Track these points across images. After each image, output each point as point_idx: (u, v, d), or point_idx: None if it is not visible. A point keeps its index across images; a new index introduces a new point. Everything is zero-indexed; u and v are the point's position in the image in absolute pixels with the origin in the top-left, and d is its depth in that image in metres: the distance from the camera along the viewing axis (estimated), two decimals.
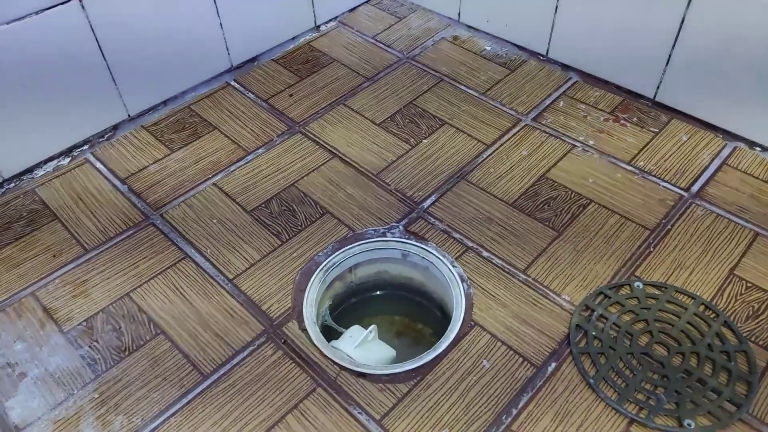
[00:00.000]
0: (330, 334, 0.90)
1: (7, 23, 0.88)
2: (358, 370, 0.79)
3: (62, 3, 0.92)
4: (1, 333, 0.82)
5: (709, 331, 0.80)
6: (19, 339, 0.82)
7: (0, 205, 0.98)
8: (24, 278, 0.88)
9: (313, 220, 0.97)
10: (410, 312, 1.04)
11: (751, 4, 0.92)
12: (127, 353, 0.80)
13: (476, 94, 1.18)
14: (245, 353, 0.80)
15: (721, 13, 0.96)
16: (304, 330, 0.83)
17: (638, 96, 1.14)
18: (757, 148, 1.04)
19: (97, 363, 0.79)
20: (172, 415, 0.74)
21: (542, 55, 1.25)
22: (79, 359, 0.79)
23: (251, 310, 0.85)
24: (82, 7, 0.94)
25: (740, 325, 0.81)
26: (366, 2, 1.42)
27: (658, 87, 1.11)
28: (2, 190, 1.00)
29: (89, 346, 0.81)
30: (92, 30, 0.97)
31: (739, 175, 1.00)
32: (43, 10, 0.90)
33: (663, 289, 0.85)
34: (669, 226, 0.93)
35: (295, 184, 1.02)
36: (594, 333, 0.80)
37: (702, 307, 0.83)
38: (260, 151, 1.08)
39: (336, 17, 1.37)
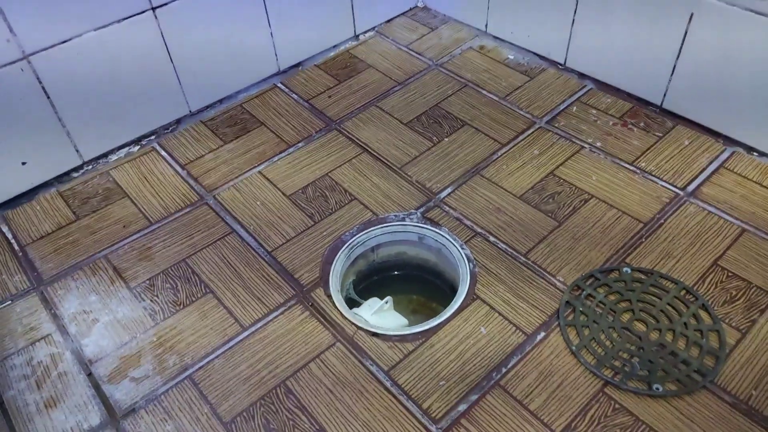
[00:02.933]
0: (353, 305, 1.03)
1: (95, 30, 1.06)
2: (373, 330, 0.92)
3: (139, 13, 1.09)
4: (79, 286, 0.99)
5: (687, 311, 0.89)
6: (93, 291, 0.99)
7: (80, 183, 1.16)
8: (99, 243, 1.06)
9: (343, 204, 1.11)
10: (426, 291, 1.16)
11: (745, 22, 1.01)
12: (181, 307, 0.96)
13: (497, 99, 1.30)
14: (278, 312, 0.94)
15: (719, 30, 1.05)
16: (329, 296, 0.97)
17: (647, 103, 1.24)
18: (755, 153, 1.12)
19: (157, 313, 0.95)
20: (216, 357, 0.89)
21: (561, 64, 1.35)
22: (141, 310, 0.95)
23: (285, 277, 0.99)
24: (155, 17, 1.11)
25: (717, 309, 0.90)
26: (402, 14, 1.56)
27: (664, 95, 1.20)
28: (82, 170, 1.18)
29: (150, 300, 0.97)
30: (162, 37, 1.14)
31: (734, 177, 1.09)
32: (124, 19, 1.08)
33: (649, 274, 0.95)
34: (662, 221, 1.03)
35: (329, 174, 1.16)
36: (581, 309, 0.91)
37: (683, 292, 0.92)
38: (300, 144, 1.23)
39: (374, 27, 1.52)
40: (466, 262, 1.00)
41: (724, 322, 0.88)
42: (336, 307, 0.95)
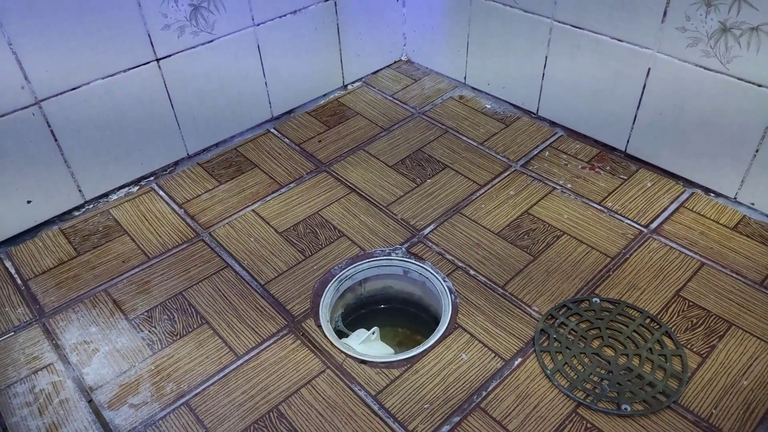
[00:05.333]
0: (342, 337, 1.08)
1: (103, 78, 1.14)
2: (361, 357, 0.97)
3: (144, 64, 1.18)
4: (80, 318, 1.04)
5: (651, 338, 0.97)
6: (94, 323, 1.03)
7: (81, 221, 1.22)
8: (99, 278, 1.11)
9: (332, 240, 1.17)
10: (411, 324, 1.22)
11: (696, 75, 1.13)
12: (178, 337, 1.00)
13: (475, 144, 1.40)
14: (271, 341, 1.00)
15: (673, 83, 1.17)
16: (319, 326, 1.03)
17: (612, 148, 1.34)
18: (712, 194, 1.22)
19: (155, 343, 1.00)
20: (212, 384, 0.93)
21: (533, 113, 1.46)
22: (140, 340, 1.00)
23: (277, 308, 1.05)
24: (159, 67, 1.20)
25: (679, 335, 0.97)
26: (387, 66, 1.67)
27: (628, 141, 1.31)
28: (84, 209, 1.24)
29: (148, 331, 1.01)
30: (165, 86, 1.23)
31: (693, 215, 1.18)
32: (130, 69, 1.16)
33: (617, 304, 1.02)
34: (628, 255, 1.11)
35: (319, 213, 1.24)
36: (555, 336, 0.98)
37: (648, 320, 1.00)
38: (292, 185, 1.31)
39: (361, 78, 1.62)
40: (448, 293, 1.07)
41: (686, 348, 0.95)
42: (326, 337, 1.01)
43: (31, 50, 1.03)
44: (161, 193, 1.29)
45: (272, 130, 1.46)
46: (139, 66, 1.17)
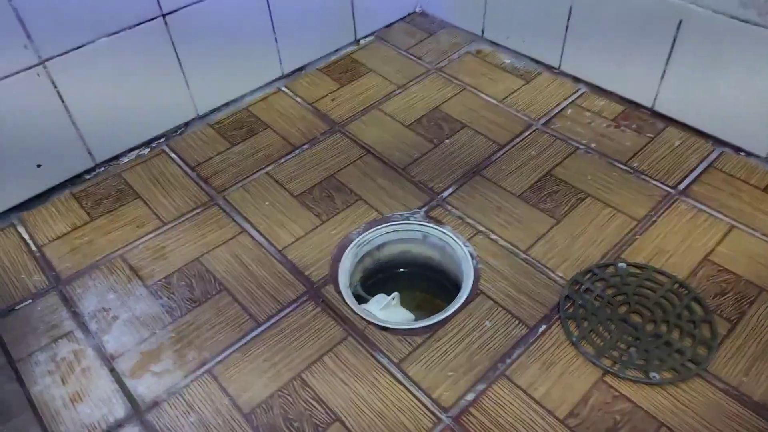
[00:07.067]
0: (361, 301, 1.07)
1: (108, 36, 1.09)
2: (382, 324, 0.96)
3: (150, 20, 1.12)
4: (97, 285, 1.02)
5: (680, 304, 0.95)
6: (111, 290, 1.02)
7: (93, 185, 1.19)
8: (114, 243, 1.09)
9: (349, 204, 1.15)
10: (430, 288, 1.20)
11: (731, 28, 1.07)
12: (197, 304, 0.99)
13: (495, 102, 1.35)
14: (291, 308, 0.98)
15: (706, 37, 1.10)
16: (339, 292, 1.01)
17: (638, 105, 1.29)
18: (742, 153, 1.17)
19: (174, 310, 0.98)
20: (233, 351, 0.92)
21: (555, 68, 1.40)
22: (159, 307, 0.99)
23: (296, 274, 1.03)
24: (165, 23, 1.15)
25: (708, 301, 0.95)
26: (401, 19, 1.60)
27: (655, 98, 1.25)
28: (95, 172, 1.21)
29: (167, 297, 1.00)
30: (173, 44, 1.18)
31: (722, 176, 1.14)
32: (135, 25, 1.11)
33: (644, 269, 1.00)
34: (655, 218, 1.08)
35: (335, 175, 1.20)
36: (580, 302, 0.96)
37: (676, 285, 0.97)
38: (306, 146, 1.27)
39: (374, 32, 1.56)
40: (470, 258, 1.04)
41: (716, 314, 0.93)
42: (346, 303, 0.99)
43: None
44: (173, 155, 1.25)
45: (283, 89, 1.41)
46: (144, 22, 1.12)
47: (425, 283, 1.20)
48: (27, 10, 0.98)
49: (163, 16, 1.13)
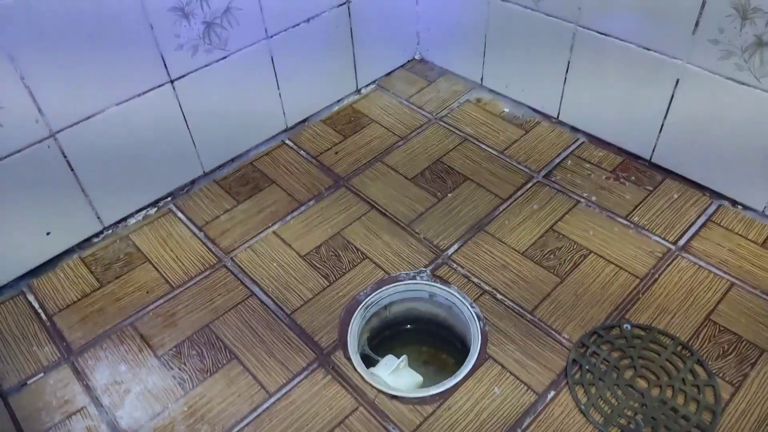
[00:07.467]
0: (367, 360, 1.08)
1: (117, 104, 1.10)
2: (392, 393, 0.97)
3: (158, 86, 1.14)
4: (109, 356, 1.03)
5: (684, 367, 0.97)
6: (123, 361, 1.03)
7: (101, 248, 1.20)
8: (124, 310, 1.10)
9: (356, 263, 1.16)
10: (436, 343, 1.22)
11: (727, 89, 1.09)
12: (208, 374, 1.00)
13: (495, 153, 1.37)
14: (301, 377, 0.99)
15: (703, 95, 1.13)
16: (349, 358, 1.02)
17: (637, 157, 1.31)
18: (739, 207, 1.20)
19: (185, 382, 0.99)
20: (246, 425, 0.94)
21: (554, 118, 1.43)
22: (171, 379, 1.00)
23: (305, 339, 1.05)
24: (173, 88, 1.16)
25: (711, 363, 0.97)
26: (401, 67, 1.62)
27: (653, 150, 1.28)
28: (103, 235, 1.22)
29: (178, 368, 1.01)
30: (180, 105, 1.19)
31: (721, 231, 1.16)
32: (145, 92, 1.13)
33: (648, 330, 1.02)
34: (657, 276, 1.10)
35: (340, 233, 1.22)
36: (587, 367, 0.98)
37: (680, 347, 0.99)
38: (311, 202, 1.28)
39: (375, 80, 1.58)
40: (477, 320, 1.06)
41: (718, 377, 0.95)
42: (356, 370, 1.00)
43: (44, 82, 0.99)
44: (180, 214, 1.26)
45: (287, 142, 1.43)
46: (153, 89, 1.13)
47: (431, 338, 1.22)
48: (36, 89, 0.99)
49: (171, 82, 1.15)
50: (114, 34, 1.03)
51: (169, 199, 1.29)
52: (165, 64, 1.13)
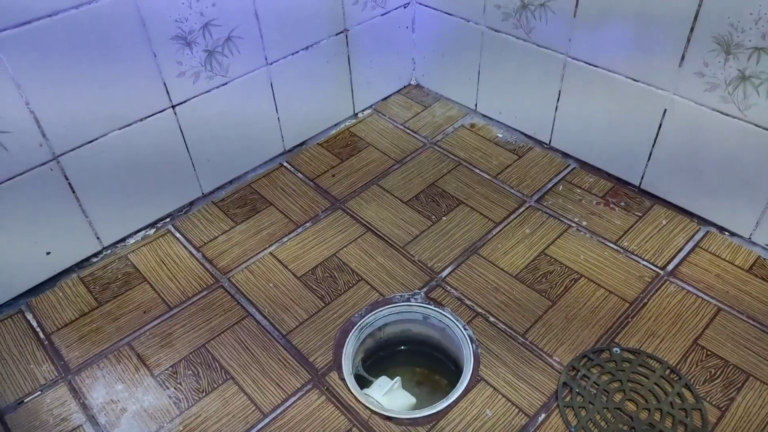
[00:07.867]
0: (361, 381, 1.10)
1: (119, 129, 1.13)
2: (386, 414, 0.99)
3: (160, 112, 1.17)
4: (106, 375, 1.05)
5: (672, 391, 0.98)
6: (119, 380, 1.04)
7: (100, 268, 1.22)
8: (121, 330, 1.11)
9: (351, 285, 1.18)
10: (429, 365, 1.23)
11: (713, 119, 1.13)
12: (204, 394, 1.01)
13: (489, 177, 1.40)
14: (296, 397, 1.01)
15: (690, 124, 1.17)
16: (343, 379, 1.04)
17: (626, 183, 1.35)
18: (726, 233, 1.23)
19: (181, 402, 1.01)
20: None
21: (546, 144, 1.46)
22: (166, 398, 1.01)
23: (300, 361, 1.06)
24: (175, 113, 1.19)
25: (698, 387, 0.99)
26: (397, 92, 1.66)
27: (642, 176, 1.31)
28: (102, 255, 1.24)
29: (174, 388, 1.02)
30: (180, 130, 1.22)
31: (708, 256, 1.19)
32: (146, 117, 1.15)
33: (637, 354, 1.04)
34: (646, 300, 1.12)
35: (336, 254, 1.24)
36: (577, 390, 0.99)
37: (668, 371, 1.01)
38: (308, 224, 1.31)
39: (371, 105, 1.61)
40: (469, 342, 1.08)
41: (706, 401, 0.97)
42: (350, 391, 1.02)
43: (49, 106, 1.02)
44: (178, 235, 1.28)
45: (285, 164, 1.46)
46: (155, 114, 1.16)
47: (425, 359, 1.24)
48: (41, 114, 1.02)
49: (173, 107, 1.18)
50: (118, 62, 1.06)
51: (168, 219, 1.31)
52: (167, 91, 1.16)
